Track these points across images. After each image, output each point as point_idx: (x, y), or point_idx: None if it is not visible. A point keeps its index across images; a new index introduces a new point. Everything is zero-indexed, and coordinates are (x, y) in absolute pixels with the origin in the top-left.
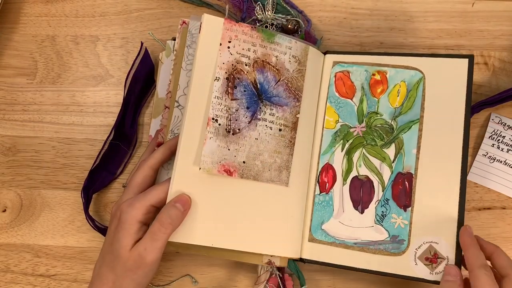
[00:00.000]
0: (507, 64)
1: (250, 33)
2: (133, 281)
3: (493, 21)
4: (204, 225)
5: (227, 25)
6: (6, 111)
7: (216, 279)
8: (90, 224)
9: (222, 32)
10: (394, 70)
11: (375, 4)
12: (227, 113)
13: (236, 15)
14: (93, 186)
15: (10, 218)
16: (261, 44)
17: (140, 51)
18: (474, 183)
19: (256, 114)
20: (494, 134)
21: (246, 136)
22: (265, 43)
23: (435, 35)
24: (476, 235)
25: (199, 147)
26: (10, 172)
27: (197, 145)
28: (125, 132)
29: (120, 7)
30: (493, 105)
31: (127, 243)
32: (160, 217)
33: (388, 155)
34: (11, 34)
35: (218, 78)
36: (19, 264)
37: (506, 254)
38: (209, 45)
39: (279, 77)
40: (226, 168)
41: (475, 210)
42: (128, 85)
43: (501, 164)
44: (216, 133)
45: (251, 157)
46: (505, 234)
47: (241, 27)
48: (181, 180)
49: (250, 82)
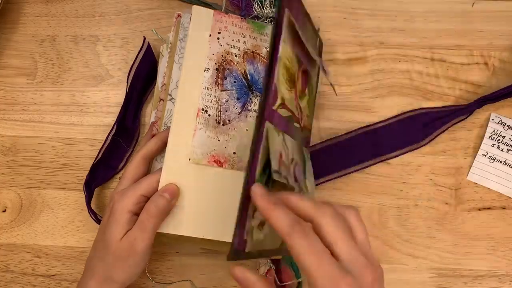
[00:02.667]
0: (507, 64)
1: (240, 24)
2: (123, 271)
3: (493, 21)
4: (194, 216)
5: (216, 16)
6: (6, 111)
7: (216, 279)
8: (93, 218)
9: (211, 23)
10: None
11: (375, 4)
12: (217, 104)
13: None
14: (95, 180)
15: (10, 218)
16: (251, 35)
17: (143, 46)
18: (474, 183)
19: (246, 105)
20: (494, 134)
21: (236, 127)
22: (255, 34)
23: (435, 35)
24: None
25: (189, 138)
26: (10, 172)
27: (187, 136)
28: (126, 127)
29: (120, 7)
30: (495, 100)
31: (118, 233)
32: (147, 207)
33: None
34: (11, 34)
35: (208, 69)
36: (19, 264)
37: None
38: (199, 36)
39: None
40: (216, 159)
41: (475, 210)
42: (131, 80)
43: (501, 164)
44: (205, 124)
45: (242, 148)
46: (505, 234)
47: (231, 18)
48: (171, 171)
49: (240, 73)
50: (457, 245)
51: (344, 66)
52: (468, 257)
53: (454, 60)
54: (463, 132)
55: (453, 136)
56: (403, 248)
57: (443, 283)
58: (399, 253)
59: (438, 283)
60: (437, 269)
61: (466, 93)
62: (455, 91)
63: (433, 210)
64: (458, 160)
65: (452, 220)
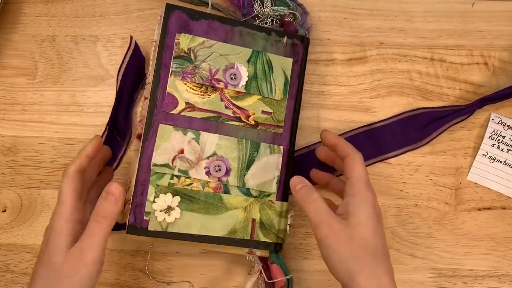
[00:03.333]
0: (507, 64)
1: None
2: (74, 285)
3: (493, 21)
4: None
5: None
6: (6, 111)
7: (215, 279)
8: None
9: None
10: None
11: (375, 4)
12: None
13: (235, 13)
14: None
15: (10, 218)
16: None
17: (130, 46)
18: (474, 183)
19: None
20: (494, 134)
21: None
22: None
23: (435, 35)
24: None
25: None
26: (10, 172)
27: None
28: (119, 126)
29: (120, 7)
30: (495, 101)
31: (61, 246)
32: (93, 214)
33: None
34: (11, 34)
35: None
36: (19, 264)
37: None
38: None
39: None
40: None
41: (475, 210)
42: (120, 79)
43: (501, 164)
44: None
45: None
46: (505, 234)
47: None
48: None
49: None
50: (457, 245)
51: (344, 66)
52: (468, 257)
53: (454, 60)
54: (463, 132)
55: (453, 136)
56: (403, 248)
57: (443, 283)
58: (399, 253)
59: (438, 283)
60: (437, 269)
61: (466, 93)
62: (455, 91)
63: (433, 210)
64: (458, 160)
65: (452, 220)
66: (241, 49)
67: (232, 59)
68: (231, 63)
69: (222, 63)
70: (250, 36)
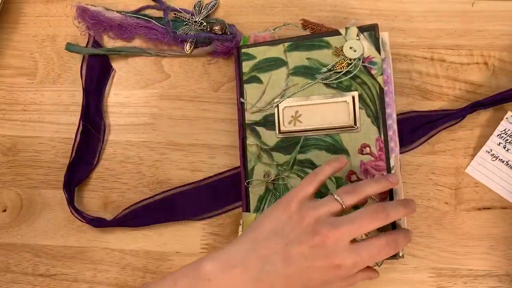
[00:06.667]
0: (507, 64)
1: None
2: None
3: (493, 21)
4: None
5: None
6: (6, 111)
7: None
8: (77, 218)
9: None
10: None
11: (375, 4)
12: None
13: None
14: (74, 180)
15: (10, 218)
16: None
17: (89, 40)
18: (474, 183)
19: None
20: (504, 134)
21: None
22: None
23: (435, 35)
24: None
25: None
26: (10, 172)
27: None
28: (92, 121)
29: (120, 7)
30: (487, 106)
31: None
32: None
33: None
34: (11, 34)
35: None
36: (19, 264)
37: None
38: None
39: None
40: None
41: (475, 209)
42: (84, 74)
43: (503, 164)
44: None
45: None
46: (505, 234)
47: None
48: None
49: None
50: (457, 244)
51: None
52: (468, 257)
53: (454, 60)
54: (463, 132)
55: (453, 136)
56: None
57: (443, 283)
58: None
59: (438, 282)
60: (437, 269)
61: (466, 93)
62: (455, 91)
63: (433, 210)
64: (458, 160)
65: (452, 220)
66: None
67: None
68: None
69: None
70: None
